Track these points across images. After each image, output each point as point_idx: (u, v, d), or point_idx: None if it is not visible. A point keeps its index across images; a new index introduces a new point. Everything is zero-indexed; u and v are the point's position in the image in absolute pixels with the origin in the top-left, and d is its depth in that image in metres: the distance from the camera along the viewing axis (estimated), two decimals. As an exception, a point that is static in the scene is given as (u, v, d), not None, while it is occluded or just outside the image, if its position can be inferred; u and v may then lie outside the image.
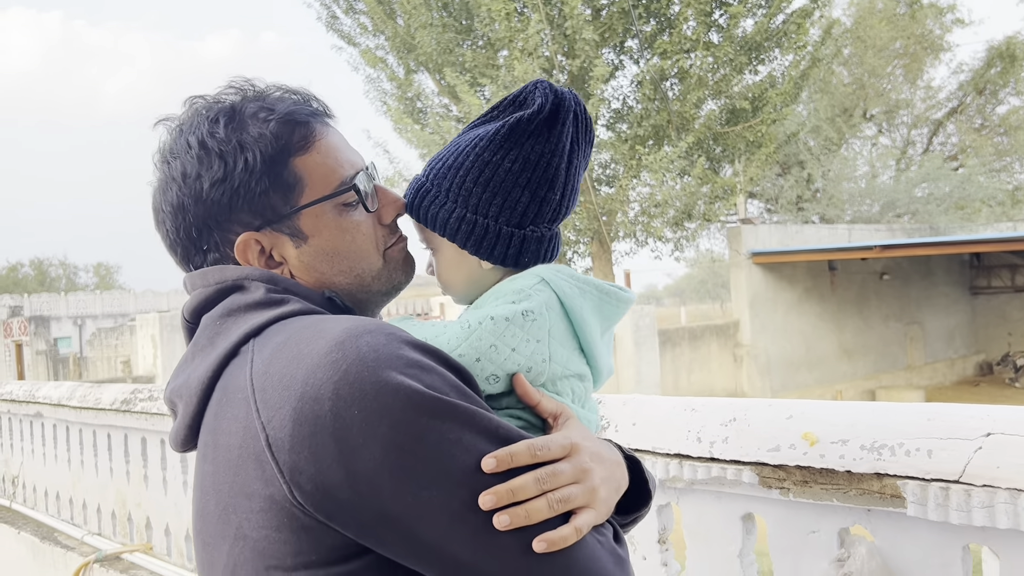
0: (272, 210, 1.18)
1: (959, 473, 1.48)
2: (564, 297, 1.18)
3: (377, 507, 0.94)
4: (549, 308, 1.16)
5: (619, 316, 1.28)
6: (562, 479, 1.02)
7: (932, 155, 31.87)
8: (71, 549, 4.51)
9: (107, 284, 57.46)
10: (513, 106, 1.24)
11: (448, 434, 0.96)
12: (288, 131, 1.19)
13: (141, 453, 4.19)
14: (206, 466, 1.07)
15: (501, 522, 0.95)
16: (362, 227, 1.24)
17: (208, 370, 1.09)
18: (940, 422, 1.55)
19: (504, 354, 1.12)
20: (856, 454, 1.61)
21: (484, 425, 0.99)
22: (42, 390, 5.16)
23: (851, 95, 31.17)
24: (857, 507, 1.65)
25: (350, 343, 0.97)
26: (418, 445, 0.94)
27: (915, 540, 1.59)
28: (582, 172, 1.27)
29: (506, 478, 0.97)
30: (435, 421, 0.96)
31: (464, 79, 17.18)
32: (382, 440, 0.93)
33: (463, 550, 0.96)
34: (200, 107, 1.22)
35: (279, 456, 0.95)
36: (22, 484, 5.63)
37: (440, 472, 0.95)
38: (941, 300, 24.46)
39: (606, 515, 1.07)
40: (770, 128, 17.95)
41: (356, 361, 0.95)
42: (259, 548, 0.99)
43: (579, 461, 1.05)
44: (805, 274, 20.44)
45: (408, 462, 0.94)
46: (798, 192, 29.58)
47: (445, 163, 1.24)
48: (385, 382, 0.95)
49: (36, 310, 36.70)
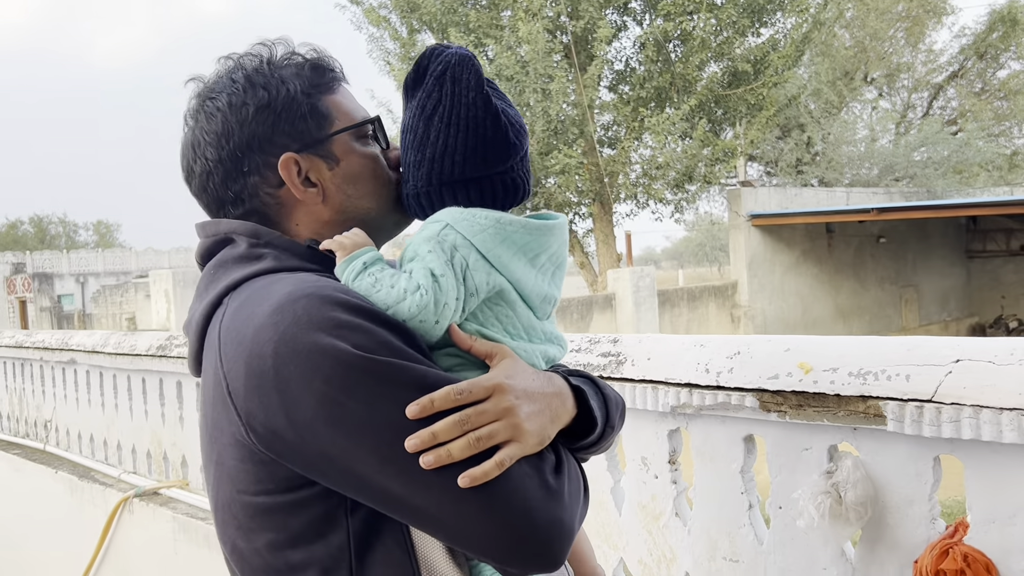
0: (309, 135, 1.34)
1: (932, 393, 1.73)
2: (470, 236, 1.24)
3: (317, 449, 1.09)
4: (459, 248, 1.23)
5: (549, 242, 1.33)
6: (484, 418, 1.10)
7: (932, 119, 31.92)
8: (109, 486, 4.78)
9: (107, 242, 57.62)
10: (415, 85, 1.37)
11: (374, 388, 1.08)
12: (319, 73, 1.39)
13: (177, 396, 4.46)
14: (204, 395, 1.25)
15: (426, 462, 1.06)
16: (380, 159, 1.43)
17: (201, 314, 1.26)
18: (917, 351, 1.80)
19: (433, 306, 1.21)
20: (844, 380, 1.86)
21: (410, 377, 1.10)
22: (75, 338, 5.41)
23: (852, 58, 31.15)
24: (845, 426, 1.90)
25: (288, 307, 1.11)
26: (348, 398, 1.08)
27: (894, 453, 1.85)
28: (503, 106, 1.33)
29: (434, 423, 1.09)
30: (363, 376, 1.08)
31: (468, 39, 17.25)
32: (316, 394, 1.08)
33: (395, 487, 1.09)
34: (236, 57, 1.38)
35: (236, 402, 1.13)
36: (55, 428, 5.90)
37: (369, 422, 1.08)
38: (937, 263, 24.73)
39: (536, 447, 1.15)
40: (771, 91, 18.06)
41: (292, 323, 1.10)
42: (231, 474, 1.18)
43: (501, 399, 1.13)
44: (803, 236, 20.67)
45: (339, 413, 1.08)
46: (798, 155, 29.70)
47: (408, 163, 1.37)
48: (315, 343, 1.08)
49: (38, 267, 36.90)
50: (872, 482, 1.89)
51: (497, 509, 1.08)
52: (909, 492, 1.84)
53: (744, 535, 2.14)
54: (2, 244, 52.23)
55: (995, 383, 1.64)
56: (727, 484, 2.17)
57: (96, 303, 29.14)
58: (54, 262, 38.24)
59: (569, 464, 1.22)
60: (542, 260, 1.31)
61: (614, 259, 19.65)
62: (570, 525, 1.14)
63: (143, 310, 24.87)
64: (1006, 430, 1.62)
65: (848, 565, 1.93)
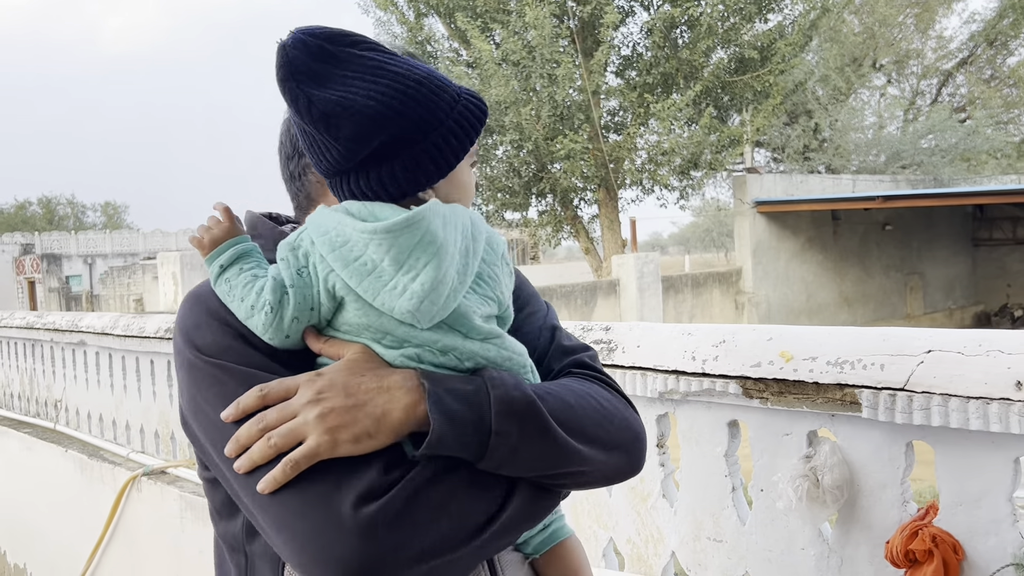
0: None
1: (904, 382, 1.81)
2: (317, 240, 1.13)
3: (192, 435, 1.20)
4: (311, 255, 1.14)
5: (408, 242, 1.10)
6: (283, 416, 1.04)
7: (940, 106, 31.80)
8: (118, 465, 4.89)
9: (115, 224, 57.81)
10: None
11: (213, 388, 1.12)
12: None
13: (184, 377, 4.56)
14: None
15: (239, 467, 1.04)
16: None
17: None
18: (892, 342, 1.88)
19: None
20: (823, 368, 1.94)
21: (240, 379, 1.10)
22: (85, 320, 5.51)
23: (861, 44, 31.01)
24: (823, 413, 1.99)
25: (182, 303, 1.24)
26: (199, 396, 1.14)
27: (868, 438, 1.93)
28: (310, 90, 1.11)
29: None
30: (205, 377, 1.13)
31: (475, 24, 17.25)
32: (183, 386, 1.19)
33: (231, 486, 1.11)
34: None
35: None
36: (64, 408, 6.02)
37: (210, 421, 1.11)
38: (942, 251, 24.72)
39: (348, 444, 1.02)
40: (778, 78, 18.05)
41: (176, 319, 1.23)
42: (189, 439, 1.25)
43: (304, 394, 1.05)
44: (808, 223, 20.69)
45: (195, 407, 1.15)
46: (805, 141, 29.64)
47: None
48: (178, 341, 1.19)
49: (47, 248, 37.10)
50: (848, 466, 1.98)
51: (286, 527, 1.01)
52: (883, 476, 1.92)
53: (728, 516, 2.22)
54: (11, 225, 52.45)
55: (963, 373, 1.73)
56: (712, 467, 2.25)
57: (104, 284, 29.32)
58: (62, 243, 38.44)
59: (411, 488, 1.02)
60: (409, 261, 1.09)
61: (619, 245, 19.70)
62: (364, 565, 0.97)
63: (151, 292, 25.03)
64: (972, 418, 1.70)
65: (825, 545, 2.01)
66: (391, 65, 1.12)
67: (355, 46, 1.12)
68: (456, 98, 1.17)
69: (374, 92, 1.09)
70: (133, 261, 32.54)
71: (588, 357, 1.37)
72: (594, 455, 1.18)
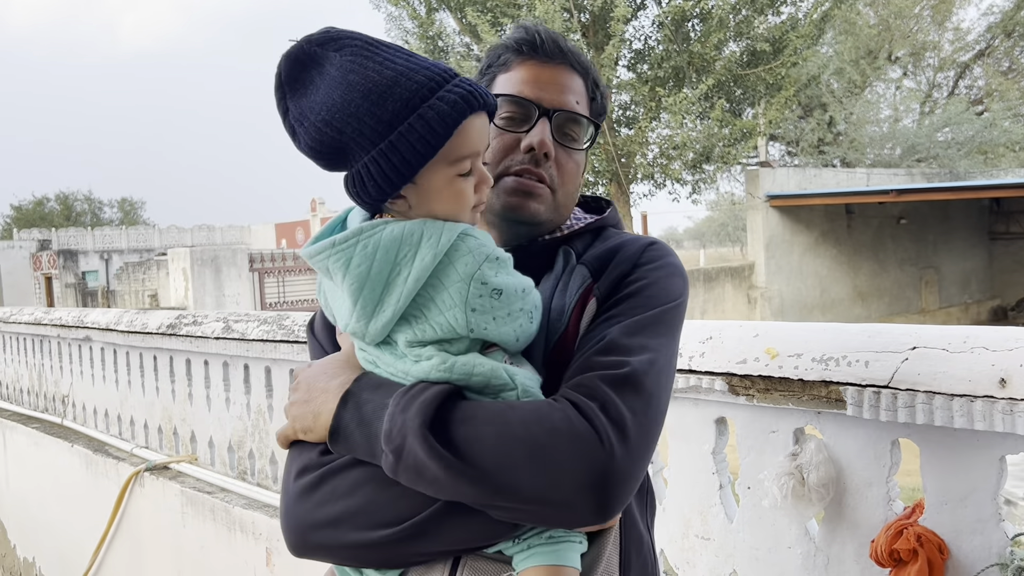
0: None
1: (888, 379, 1.78)
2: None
3: None
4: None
5: (324, 264, 1.19)
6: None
7: (957, 99, 31.48)
8: (122, 460, 4.93)
9: (131, 220, 58.16)
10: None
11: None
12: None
13: (186, 373, 4.57)
14: None
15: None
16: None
17: None
18: (877, 338, 1.86)
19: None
20: (808, 365, 1.92)
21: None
22: (90, 316, 5.55)
23: (876, 36, 30.75)
24: (809, 410, 1.97)
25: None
26: None
27: (854, 436, 1.91)
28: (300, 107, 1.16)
29: None
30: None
31: (485, 18, 17.22)
32: None
33: None
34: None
35: None
36: (71, 403, 6.06)
37: None
38: (958, 245, 24.51)
39: (298, 433, 1.27)
40: (791, 70, 17.93)
41: None
42: None
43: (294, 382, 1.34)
44: (822, 217, 20.56)
45: None
46: (819, 135, 29.45)
47: None
48: None
49: (63, 244, 37.35)
50: (834, 464, 1.96)
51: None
52: (868, 474, 1.90)
53: (715, 514, 2.21)
54: (29, 221, 52.85)
55: (947, 370, 1.70)
56: (700, 464, 2.24)
57: (119, 280, 29.50)
58: (79, 239, 38.69)
59: (325, 471, 1.21)
60: (338, 279, 1.18)
61: (631, 239, 19.57)
62: (292, 524, 1.24)
63: (165, 287, 25.16)
64: (956, 415, 1.68)
65: (811, 544, 1.99)
66: (353, 71, 1.12)
67: (339, 50, 1.13)
68: (425, 97, 1.13)
69: (326, 102, 1.12)
70: (148, 257, 32.74)
71: (601, 377, 1.17)
72: (504, 500, 1.10)
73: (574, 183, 1.45)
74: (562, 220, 1.46)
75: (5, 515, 6.85)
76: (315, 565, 1.35)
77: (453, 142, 1.15)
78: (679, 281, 1.40)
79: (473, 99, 1.16)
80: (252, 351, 3.82)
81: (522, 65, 1.43)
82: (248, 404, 4.08)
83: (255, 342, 3.78)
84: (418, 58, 1.17)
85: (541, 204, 1.39)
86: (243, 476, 4.16)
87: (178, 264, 18.92)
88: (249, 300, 21.87)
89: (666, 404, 1.25)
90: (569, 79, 1.43)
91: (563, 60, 1.43)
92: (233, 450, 4.24)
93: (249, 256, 23.00)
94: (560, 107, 1.40)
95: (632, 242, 1.41)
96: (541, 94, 1.40)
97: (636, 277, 1.34)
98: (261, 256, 24.06)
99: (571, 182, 1.44)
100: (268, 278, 23.32)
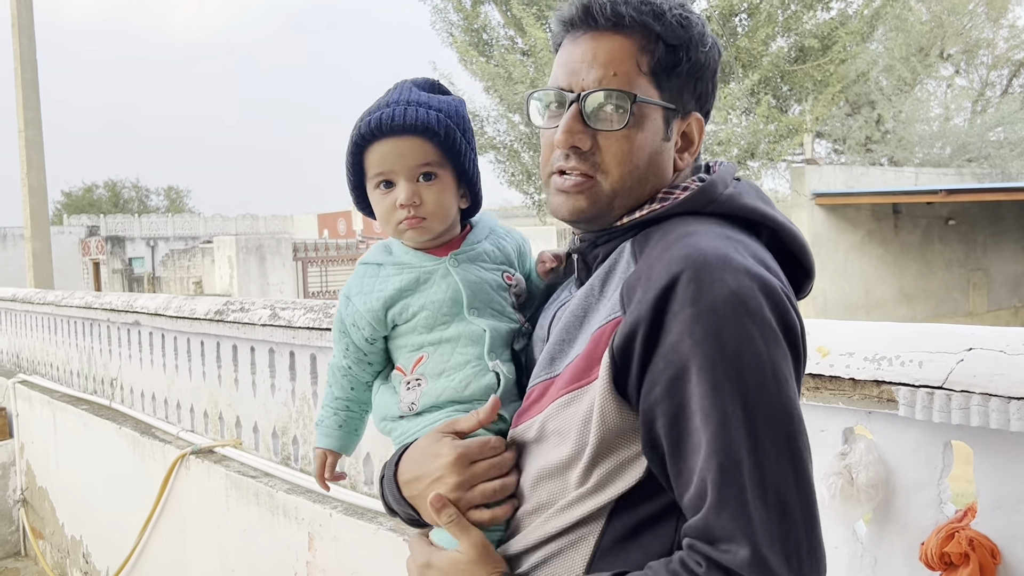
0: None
1: (943, 380, 1.76)
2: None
3: None
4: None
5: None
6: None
7: (1011, 97, 30.81)
8: (168, 443, 5.02)
9: (177, 207, 59.07)
10: None
11: None
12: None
13: (232, 359, 4.64)
14: None
15: None
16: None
17: None
18: (931, 339, 1.83)
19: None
20: (860, 364, 1.90)
21: None
22: (139, 300, 5.65)
23: (928, 33, 30.16)
24: (859, 409, 1.94)
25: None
26: None
27: (905, 437, 1.89)
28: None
29: None
30: None
31: (531, 12, 17.19)
32: None
33: None
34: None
35: None
36: (120, 386, 6.18)
37: None
38: (1009, 247, 23.97)
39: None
40: (839, 67, 17.66)
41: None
42: None
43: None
44: (868, 216, 20.24)
45: None
46: (867, 133, 28.98)
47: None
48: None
49: (111, 230, 38.06)
50: (884, 465, 1.93)
51: None
52: (919, 476, 1.88)
53: (760, 512, 2.19)
54: (78, 207, 53.90)
55: (1005, 372, 1.67)
56: (746, 462, 2.22)
57: (165, 267, 30.01)
58: (126, 226, 39.38)
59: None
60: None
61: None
62: None
63: (209, 274, 25.54)
64: (1013, 419, 1.65)
65: (859, 545, 1.97)
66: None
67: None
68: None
69: None
70: (193, 244, 33.24)
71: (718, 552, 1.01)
72: None
73: (627, 165, 1.23)
74: (629, 204, 1.26)
75: (55, 494, 7.02)
76: (356, 550, 1.37)
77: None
78: (741, 345, 1.05)
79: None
80: (298, 338, 3.87)
81: (563, 45, 1.29)
82: (293, 391, 4.13)
83: (301, 330, 3.83)
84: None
85: (583, 200, 1.25)
86: (286, 462, 4.21)
87: (224, 252, 19.22)
88: (292, 288, 22.15)
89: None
90: (605, 48, 1.22)
91: (596, 26, 1.23)
92: (277, 436, 4.30)
93: (293, 245, 23.26)
94: (586, 88, 1.22)
95: (658, 264, 1.12)
96: (572, 77, 1.24)
97: (671, 359, 1.07)
98: (304, 246, 24.33)
99: (621, 165, 1.23)
100: (311, 267, 23.58)
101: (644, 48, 1.22)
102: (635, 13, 1.21)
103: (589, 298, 1.24)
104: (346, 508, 3.56)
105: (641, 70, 1.22)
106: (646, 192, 1.26)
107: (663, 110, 1.24)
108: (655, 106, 1.23)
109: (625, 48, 1.22)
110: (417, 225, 1.42)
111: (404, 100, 1.41)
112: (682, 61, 1.23)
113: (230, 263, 18.71)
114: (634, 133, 1.23)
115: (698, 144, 1.30)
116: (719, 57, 1.30)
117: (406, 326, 1.43)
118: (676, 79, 1.24)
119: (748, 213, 1.23)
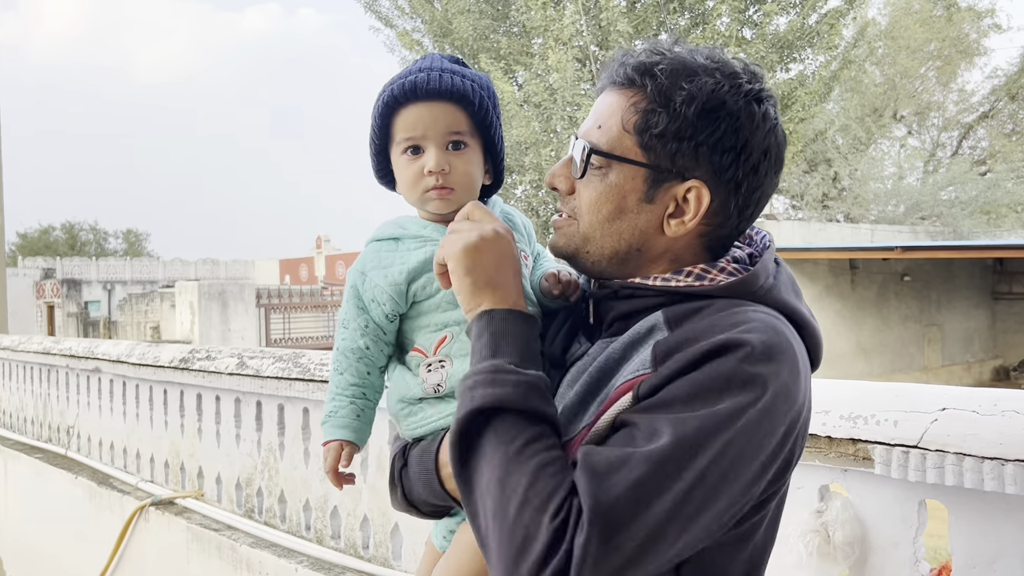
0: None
1: (918, 440, 1.79)
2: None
3: None
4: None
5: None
6: None
7: (961, 158, 31.77)
8: (127, 493, 4.90)
9: (136, 251, 58.39)
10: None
11: None
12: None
13: (196, 408, 4.57)
14: None
15: None
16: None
17: None
18: (905, 398, 1.87)
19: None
20: (836, 423, 1.93)
21: None
22: (101, 347, 5.55)
23: (882, 95, 31.09)
24: (835, 467, 1.97)
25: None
26: None
27: (881, 495, 1.91)
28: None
29: None
30: None
31: (498, 66, 17.45)
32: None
33: None
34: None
35: None
36: (77, 434, 6.03)
37: None
38: (962, 303, 24.51)
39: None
40: (798, 126, 18.11)
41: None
42: None
43: None
44: (826, 272, 20.60)
45: None
46: (824, 190, 29.63)
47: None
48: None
49: (67, 273, 37.43)
50: (860, 523, 1.96)
51: None
52: (895, 534, 1.90)
53: (737, 569, 2.19)
54: (34, 250, 53.02)
55: (977, 432, 1.71)
56: (722, 518, 2.23)
57: (122, 311, 29.51)
58: (83, 269, 38.77)
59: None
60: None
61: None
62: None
63: (167, 320, 25.16)
64: (987, 478, 1.68)
65: (835, 603, 1.98)
66: None
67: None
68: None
69: None
70: (152, 289, 32.78)
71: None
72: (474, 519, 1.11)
73: (594, 214, 1.25)
74: (603, 252, 1.27)
75: (4, 547, 6.79)
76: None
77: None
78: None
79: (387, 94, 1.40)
80: (267, 388, 3.83)
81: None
82: (259, 441, 4.07)
83: (270, 379, 3.79)
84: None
85: (561, 238, 1.31)
86: (250, 514, 4.13)
87: (185, 297, 18.97)
88: (255, 336, 21.83)
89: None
90: (606, 102, 1.27)
91: (613, 81, 1.26)
92: (241, 487, 4.22)
93: (256, 291, 23.03)
94: (581, 136, 1.28)
95: (708, 333, 1.13)
96: (583, 125, 1.31)
97: (677, 388, 1.11)
98: (268, 292, 24.10)
99: (588, 213, 1.26)
100: (274, 314, 23.32)
101: (636, 106, 1.22)
102: (632, 71, 1.22)
103: (608, 361, 1.21)
104: (312, 562, 3.50)
105: (625, 128, 1.22)
106: (623, 248, 1.26)
107: (646, 170, 1.22)
108: (631, 164, 1.22)
109: (616, 104, 1.24)
110: (446, 195, 1.38)
111: (438, 67, 1.39)
112: (663, 123, 1.19)
113: (191, 309, 18.47)
114: (599, 185, 1.25)
115: (697, 214, 1.23)
116: (753, 133, 1.22)
117: (429, 303, 1.37)
118: (663, 141, 1.20)
119: (781, 307, 1.26)
